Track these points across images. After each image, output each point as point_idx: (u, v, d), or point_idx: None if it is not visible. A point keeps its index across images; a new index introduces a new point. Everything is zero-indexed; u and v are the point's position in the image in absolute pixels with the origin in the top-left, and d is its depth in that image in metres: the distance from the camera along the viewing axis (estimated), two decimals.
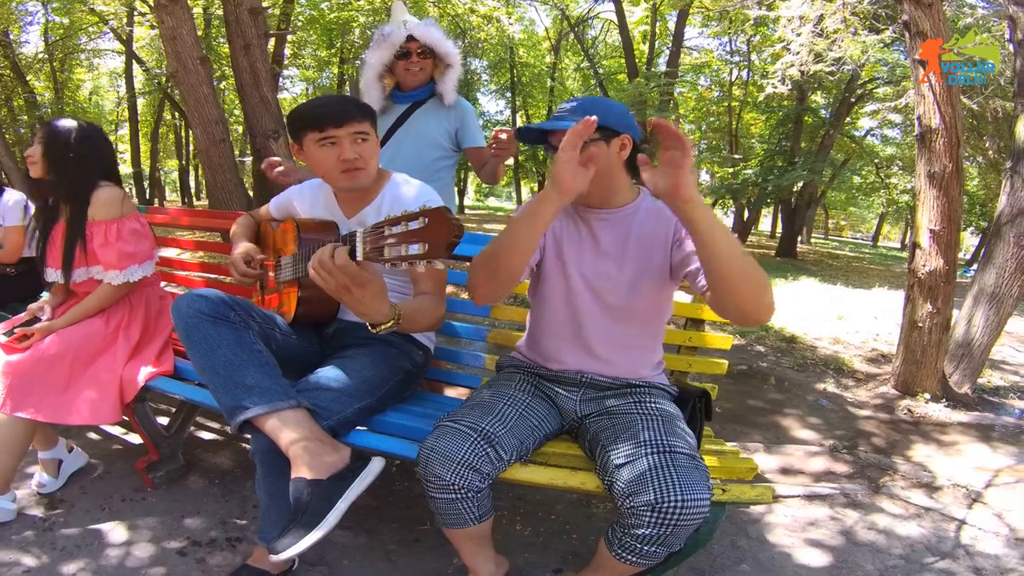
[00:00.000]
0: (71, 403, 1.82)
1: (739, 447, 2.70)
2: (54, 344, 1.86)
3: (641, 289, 1.52)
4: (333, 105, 1.59)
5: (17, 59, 14.98)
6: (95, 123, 2.10)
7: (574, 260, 1.55)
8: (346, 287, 1.18)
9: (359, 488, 1.37)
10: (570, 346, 1.59)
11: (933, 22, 2.97)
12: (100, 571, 1.66)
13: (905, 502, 2.36)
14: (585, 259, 1.54)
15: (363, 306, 1.24)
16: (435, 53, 2.26)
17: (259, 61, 4.39)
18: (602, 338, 1.56)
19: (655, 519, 1.20)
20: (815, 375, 3.93)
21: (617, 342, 1.56)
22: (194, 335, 1.46)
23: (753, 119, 17.98)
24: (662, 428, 1.38)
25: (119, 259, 1.92)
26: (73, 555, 1.71)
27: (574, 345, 1.58)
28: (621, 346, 1.57)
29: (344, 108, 1.57)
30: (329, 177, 1.66)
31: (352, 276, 1.17)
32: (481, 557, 1.57)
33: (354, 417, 1.56)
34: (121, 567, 1.68)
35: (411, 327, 1.45)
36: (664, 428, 1.38)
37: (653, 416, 1.44)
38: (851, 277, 11.50)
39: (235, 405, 1.41)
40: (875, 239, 35.03)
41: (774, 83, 7.33)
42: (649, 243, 1.50)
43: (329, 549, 1.80)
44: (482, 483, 1.35)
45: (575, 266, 1.54)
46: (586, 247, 1.54)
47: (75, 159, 1.92)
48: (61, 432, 2.11)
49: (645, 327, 1.58)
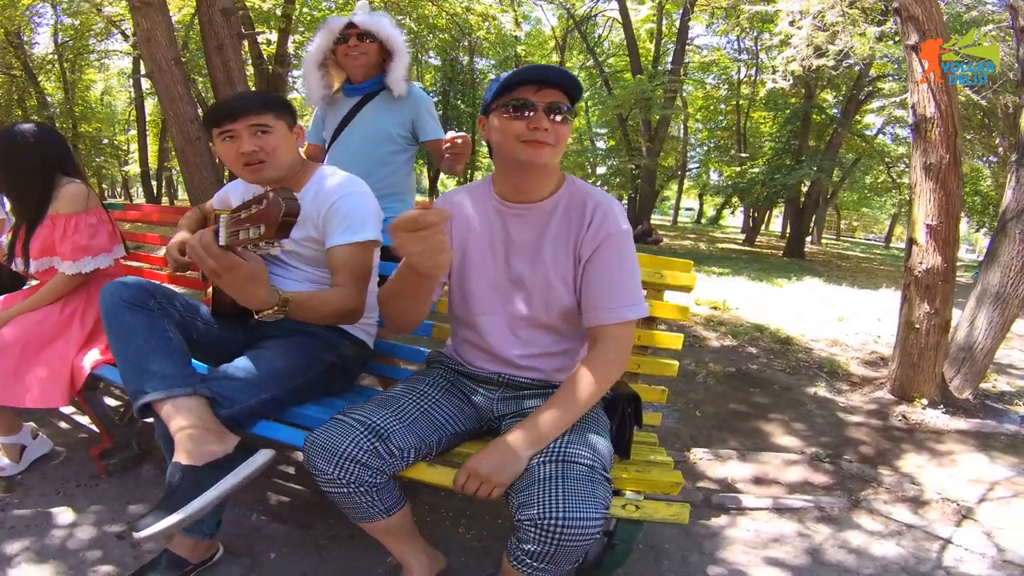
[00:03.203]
0: (22, 386, 1.88)
1: (711, 454, 2.58)
2: (8, 329, 1.95)
3: (555, 294, 1.40)
4: (231, 99, 1.63)
5: (28, 60, 15.21)
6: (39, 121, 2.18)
7: (487, 264, 1.45)
8: (216, 272, 1.20)
9: (234, 479, 1.35)
10: (486, 355, 1.50)
11: (925, 7, 2.84)
12: (42, 551, 1.73)
13: (885, 518, 2.20)
14: (498, 263, 1.44)
15: (236, 291, 1.26)
16: (378, 39, 2.18)
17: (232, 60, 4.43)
18: (519, 346, 1.46)
19: (538, 535, 1.11)
20: (807, 378, 3.77)
21: (537, 350, 1.46)
22: (113, 320, 1.50)
23: (762, 118, 17.84)
24: (569, 436, 1.28)
25: (73, 251, 2.00)
26: (20, 535, 1.78)
27: (490, 354, 1.49)
28: (542, 353, 1.47)
29: (240, 101, 1.59)
30: (236, 172, 1.65)
31: (217, 260, 1.18)
32: (409, 552, 1.53)
33: (259, 408, 1.54)
34: (62, 548, 1.75)
35: (306, 317, 1.46)
36: (572, 436, 1.28)
37: None
38: (858, 278, 11.27)
39: (138, 389, 1.44)
40: (887, 240, 34.59)
41: (775, 78, 7.20)
42: (564, 244, 1.39)
43: (257, 540, 1.81)
44: (373, 477, 1.29)
45: (487, 271, 1.45)
46: (498, 249, 1.44)
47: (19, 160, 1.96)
48: (34, 419, 2.25)
49: (568, 331, 1.47)
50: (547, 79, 1.28)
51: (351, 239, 1.58)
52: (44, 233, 2.01)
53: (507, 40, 15.84)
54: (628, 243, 1.37)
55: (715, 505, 2.17)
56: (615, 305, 1.32)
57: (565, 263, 1.39)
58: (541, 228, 1.40)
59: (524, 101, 1.27)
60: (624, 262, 1.35)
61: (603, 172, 19.70)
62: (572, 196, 1.40)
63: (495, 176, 1.47)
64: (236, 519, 1.86)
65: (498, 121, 1.31)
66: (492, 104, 1.33)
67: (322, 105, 2.37)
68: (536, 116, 1.27)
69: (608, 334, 1.33)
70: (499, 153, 1.37)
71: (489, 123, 1.36)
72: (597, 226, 1.35)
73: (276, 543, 1.80)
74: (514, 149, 1.30)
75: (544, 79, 1.28)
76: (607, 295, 1.33)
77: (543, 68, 1.28)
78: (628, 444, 1.49)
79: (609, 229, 1.35)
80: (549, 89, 1.29)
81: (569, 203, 1.40)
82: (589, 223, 1.35)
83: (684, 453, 2.58)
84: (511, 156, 1.32)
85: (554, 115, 1.28)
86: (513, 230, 1.42)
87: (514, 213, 1.42)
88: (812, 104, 13.57)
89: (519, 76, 1.28)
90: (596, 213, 1.36)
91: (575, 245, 1.37)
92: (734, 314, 5.45)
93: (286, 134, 1.63)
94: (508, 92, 1.29)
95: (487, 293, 1.45)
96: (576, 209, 1.38)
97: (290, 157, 1.65)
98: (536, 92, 1.28)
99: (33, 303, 2.03)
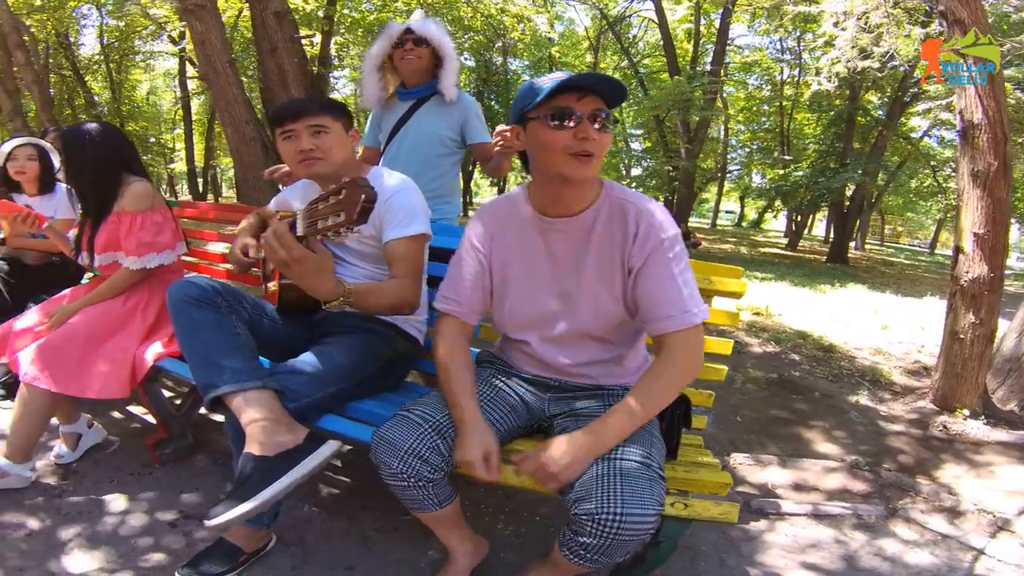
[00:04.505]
0: (84, 377, 1.93)
1: (751, 459, 2.58)
2: (72, 321, 2.02)
3: (602, 306, 1.40)
4: (293, 102, 1.73)
5: (76, 61, 15.72)
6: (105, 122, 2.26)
7: (530, 282, 1.45)
8: (286, 263, 1.26)
9: (304, 469, 1.39)
10: (536, 362, 1.52)
11: (971, 10, 2.79)
12: (95, 536, 1.76)
13: (921, 527, 2.18)
14: (542, 279, 1.43)
15: (305, 281, 1.32)
16: (431, 45, 2.27)
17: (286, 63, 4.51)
18: (568, 355, 1.47)
19: (594, 529, 1.15)
20: (849, 386, 3.72)
21: (586, 358, 1.47)
22: (181, 316, 1.54)
23: (806, 119, 17.45)
24: None
25: (138, 247, 2.07)
26: (74, 521, 1.82)
27: (541, 362, 1.51)
28: (591, 361, 1.48)
29: (301, 103, 1.69)
30: (293, 168, 1.75)
31: (289, 251, 1.24)
32: (455, 538, 1.59)
33: (323, 402, 1.59)
34: (114, 534, 1.78)
35: (367, 307, 1.52)
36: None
37: None
38: (902, 285, 10.97)
39: (208, 383, 1.47)
40: (932, 246, 33.38)
41: (819, 80, 7.07)
42: (609, 254, 1.36)
43: (308, 530, 1.85)
44: (432, 473, 1.33)
45: (531, 288, 1.45)
46: (541, 266, 1.43)
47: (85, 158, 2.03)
48: (87, 409, 2.25)
49: (616, 339, 1.47)
50: (592, 86, 1.23)
51: (404, 232, 1.64)
52: (109, 229, 2.08)
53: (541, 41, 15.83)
54: (679, 246, 1.32)
55: (755, 509, 2.19)
56: (676, 311, 1.27)
57: (611, 275, 1.36)
58: (583, 241, 1.38)
59: (567, 109, 1.22)
60: (679, 267, 1.30)
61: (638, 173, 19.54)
62: (611, 204, 1.36)
63: (532, 189, 1.43)
64: (288, 509, 1.90)
65: (540, 132, 1.26)
66: (530, 112, 1.28)
67: (378, 108, 2.47)
68: (582, 126, 1.22)
69: (677, 341, 1.28)
70: (540, 166, 1.33)
71: (527, 133, 1.31)
72: (644, 236, 1.31)
73: (325, 534, 1.84)
74: (560, 163, 1.26)
75: (590, 86, 1.23)
76: (667, 303, 1.28)
77: (589, 75, 1.23)
78: (676, 445, 1.50)
79: (658, 237, 1.30)
80: (591, 96, 1.24)
81: (610, 212, 1.36)
82: (635, 234, 1.32)
83: (724, 457, 2.59)
84: (555, 170, 1.28)
85: (597, 123, 1.24)
86: (555, 245, 1.41)
87: (554, 228, 1.39)
88: (856, 106, 13.23)
89: (565, 83, 1.21)
90: (640, 222, 1.31)
91: (622, 256, 1.34)
92: (777, 320, 5.39)
93: (342, 135, 1.72)
94: (548, 100, 1.23)
95: (532, 310, 1.46)
96: (618, 218, 1.34)
97: (344, 157, 1.73)
98: (578, 100, 1.23)
99: (96, 296, 2.11)
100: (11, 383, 2.61)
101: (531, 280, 1.45)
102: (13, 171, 2.68)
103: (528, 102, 1.27)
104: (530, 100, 1.26)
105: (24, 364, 1.89)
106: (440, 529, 1.56)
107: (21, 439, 1.91)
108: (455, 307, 1.49)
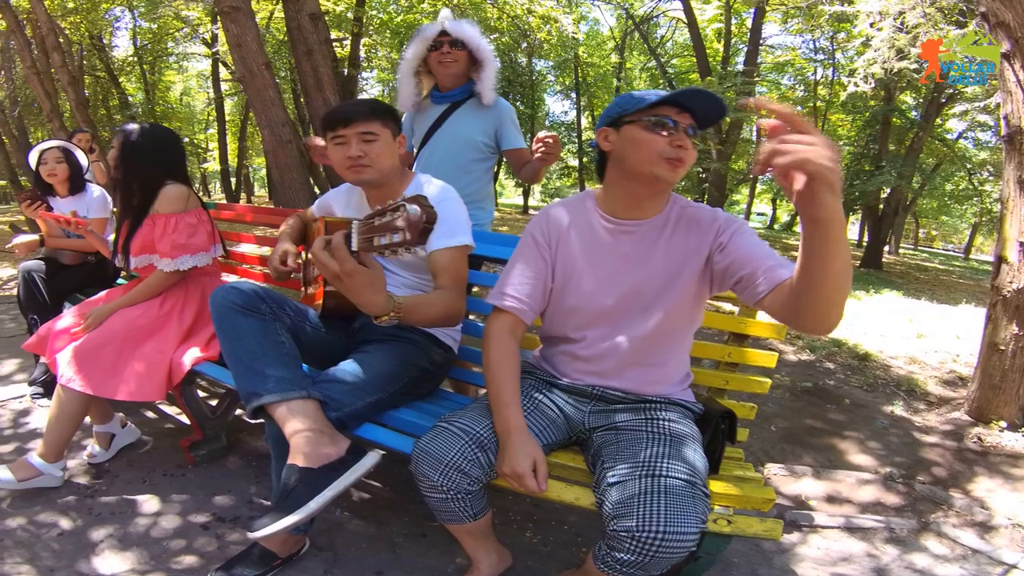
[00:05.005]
0: (119, 379, 1.95)
1: (785, 470, 2.54)
2: (109, 324, 2.03)
3: (664, 304, 1.41)
4: (344, 107, 1.71)
5: (110, 62, 16.06)
6: (167, 127, 2.29)
7: (591, 276, 1.46)
8: (338, 276, 1.24)
9: (347, 480, 1.40)
10: (582, 363, 1.51)
11: (1016, 12, 2.69)
12: (126, 538, 1.76)
13: (952, 541, 2.14)
14: (606, 279, 1.45)
15: (356, 295, 1.28)
16: (467, 47, 2.24)
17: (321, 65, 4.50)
18: (618, 355, 1.46)
19: (634, 546, 1.14)
20: (884, 396, 3.65)
21: (633, 359, 1.46)
22: (224, 323, 1.54)
23: (840, 120, 17.06)
24: (665, 450, 1.29)
25: (172, 249, 2.08)
26: (106, 521, 1.83)
27: (586, 362, 1.50)
28: (638, 363, 1.47)
29: (352, 108, 1.68)
30: (340, 172, 1.73)
31: (343, 264, 1.22)
32: (482, 550, 1.60)
33: (363, 411, 1.59)
34: (146, 536, 1.78)
35: (415, 319, 1.48)
36: (668, 450, 1.29)
37: (661, 436, 1.35)
38: (937, 292, 10.70)
39: (252, 391, 1.47)
40: (967, 251, 32.38)
41: (856, 81, 6.91)
42: (680, 255, 1.39)
43: (339, 534, 1.85)
44: (471, 486, 1.34)
45: (591, 283, 1.46)
46: (606, 266, 1.45)
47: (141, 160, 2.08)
48: (120, 409, 2.26)
49: (668, 343, 1.47)
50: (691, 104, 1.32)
51: (448, 243, 1.63)
52: (144, 232, 2.09)
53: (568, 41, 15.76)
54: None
55: (788, 521, 2.16)
56: (779, 261, 1.25)
57: (679, 274, 1.39)
58: (652, 242, 1.42)
59: (667, 118, 1.30)
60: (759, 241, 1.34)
61: None
62: (680, 210, 1.43)
63: (604, 192, 1.47)
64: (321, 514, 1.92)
65: (638, 134, 1.32)
66: (627, 117, 1.34)
67: (411, 112, 2.45)
68: (679, 135, 1.30)
69: None
70: (631, 167, 1.36)
71: (620, 135, 1.36)
72: (725, 222, 1.37)
73: (356, 539, 1.84)
74: (653, 164, 1.31)
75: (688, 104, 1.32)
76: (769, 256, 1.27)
77: (689, 94, 1.30)
78: (719, 459, 1.49)
79: (736, 221, 1.37)
80: (687, 113, 1.32)
81: (679, 216, 1.42)
82: (717, 226, 1.37)
83: (759, 468, 2.57)
84: (647, 171, 1.33)
85: (690, 137, 1.32)
86: (623, 246, 1.43)
87: (623, 230, 1.43)
88: (892, 107, 12.90)
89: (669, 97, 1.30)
90: (716, 216, 1.39)
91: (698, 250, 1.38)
92: None
93: (390, 142, 1.71)
94: (650, 109, 1.31)
95: (593, 310, 1.46)
96: (688, 221, 1.40)
97: (391, 163, 1.72)
98: (677, 113, 1.31)
99: (132, 298, 2.12)
100: (49, 381, 2.67)
101: (596, 279, 1.45)
102: (45, 174, 2.73)
103: (629, 107, 1.35)
104: (632, 106, 1.34)
105: (61, 366, 1.91)
106: (468, 539, 1.56)
107: (54, 439, 1.94)
108: (515, 304, 1.47)
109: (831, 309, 1.08)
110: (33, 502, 1.90)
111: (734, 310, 1.87)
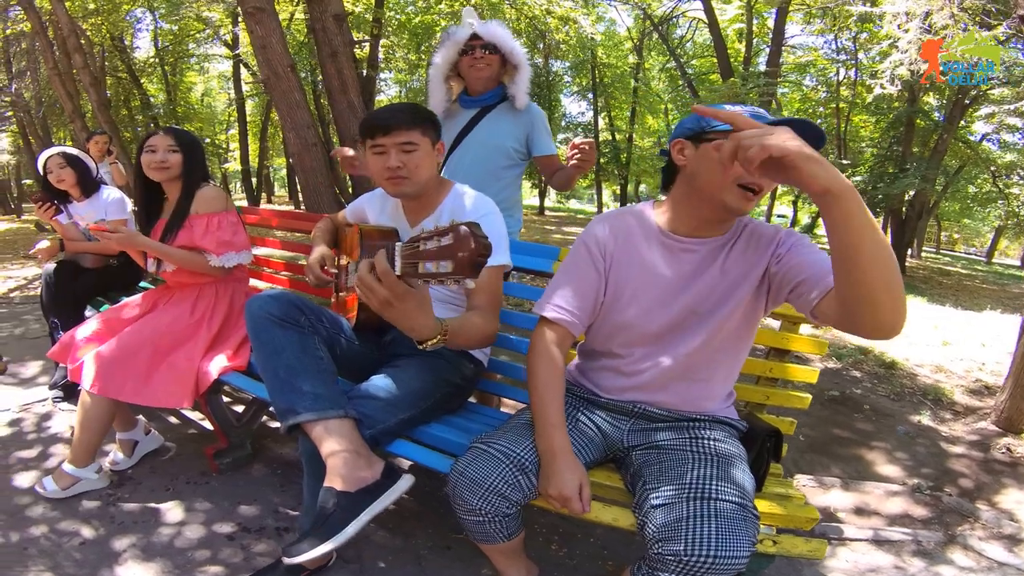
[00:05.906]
0: (149, 387, 1.95)
1: (815, 481, 2.50)
2: (139, 331, 2.02)
3: (717, 321, 1.36)
4: (384, 114, 1.62)
5: (132, 63, 16.24)
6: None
7: (645, 293, 1.40)
8: (388, 302, 1.14)
9: (382, 505, 1.39)
10: (625, 379, 1.46)
11: None
12: (149, 547, 1.73)
13: (978, 554, 2.10)
14: (658, 293, 1.39)
15: (407, 320, 1.20)
16: (500, 51, 2.19)
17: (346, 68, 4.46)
18: (663, 370, 1.41)
19: (681, 569, 1.11)
20: (911, 405, 3.59)
21: (679, 373, 1.41)
22: (262, 335, 1.51)
23: (863, 121, 16.79)
24: (713, 471, 1.25)
25: (217, 246, 2.09)
26: (128, 530, 1.80)
27: (629, 377, 1.45)
28: (684, 378, 1.42)
29: (392, 117, 1.60)
30: (378, 182, 1.69)
31: (392, 288, 1.12)
32: (512, 567, 1.58)
33: (396, 427, 1.57)
34: (169, 546, 1.75)
35: (459, 343, 1.42)
36: (715, 471, 1.25)
37: (707, 456, 1.31)
38: (961, 297, 10.53)
39: (288, 408, 1.45)
40: (989, 255, 31.80)
41: (882, 83, 6.78)
42: (738, 271, 1.34)
43: (366, 547, 1.83)
44: (510, 509, 1.31)
45: (645, 301, 1.40)
46: (662, 279, 1.39)
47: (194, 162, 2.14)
48: (144, 414, 2.25)
49: (716, 360, 1.42)
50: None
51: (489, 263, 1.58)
52: (183, 235, 2.08)
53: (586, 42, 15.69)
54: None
55: (818, 534, 2.13)
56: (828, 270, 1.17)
57: (737, 291, 1.34)
58: (712, 260, 1.36)
59: None
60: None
61: None
62: (746, 226, 1.36)
63: (668, 207, 1.40)
64: None
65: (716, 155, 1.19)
66: (710, 134, 1.23)
67: (439, 116, 2.41)
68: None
69: None
70: (699, 185, 1.28)
71: (699, 151, 1.26)
72: (786, 235, 1.31)
73: (382, 551, 1.82)
74: (726, 191, 1.23)
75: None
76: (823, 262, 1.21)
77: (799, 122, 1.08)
78: (763, 477, 1.45)
79: (796, 234, 1.31)
80: None
81: (745, 234, 1.35)
82: (778, 239, 1.31)
83: (787, 479, 2.52)
84: (717, 196, 1.25)
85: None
86: (682, 265, 1.38)
87: (684, 247, 1.37)
88: (916, 109, 12.67)
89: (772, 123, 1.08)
90: (777, 231, 1.33)
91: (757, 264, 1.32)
92: (836, 334, 5.22)
93: (429, 152, 1.66)
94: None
95: (645, 328, 1.41)
96: (752, 236, 1.34)
97: (430, 173, 1.67)
98: None
99: (171, 254, 2.06)
100: (69, 385, 2.67)
101: (651, 297, 1.40)
102: (54, 182, 2.71)
103: (716, 124, 1.22)
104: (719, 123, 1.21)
105: (88, 372, 1.90)
106: (498, 557, 1.54)
107: (83, 445, 1.94)
108: (566, 316, 1.41)
109: (878, 302, 1.00)
110: (55, 510, 1.89)
111: (775, 325, 1.84)
